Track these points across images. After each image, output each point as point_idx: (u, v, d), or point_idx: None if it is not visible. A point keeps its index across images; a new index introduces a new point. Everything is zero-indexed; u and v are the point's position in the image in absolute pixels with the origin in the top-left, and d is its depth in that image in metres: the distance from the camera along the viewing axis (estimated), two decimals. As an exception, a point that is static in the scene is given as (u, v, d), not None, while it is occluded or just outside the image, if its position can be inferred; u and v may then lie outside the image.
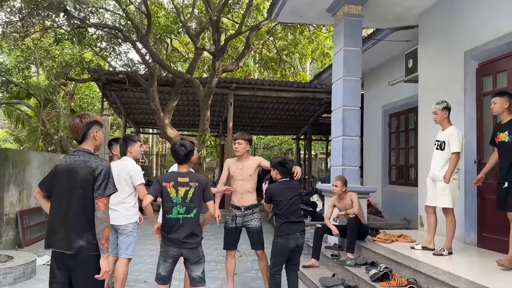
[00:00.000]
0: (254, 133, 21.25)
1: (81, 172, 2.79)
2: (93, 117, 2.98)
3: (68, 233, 2.73)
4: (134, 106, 15.33)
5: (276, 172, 4.40)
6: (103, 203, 2.77)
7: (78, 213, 2.76)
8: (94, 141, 2.97)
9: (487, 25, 5.45)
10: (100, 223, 2.73)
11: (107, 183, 2.80)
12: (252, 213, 4.67)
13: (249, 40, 10.82)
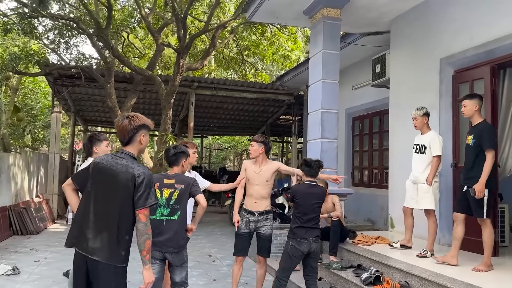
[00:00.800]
0: (210, 134, 20.96)
1: (122, 177, 2.63)
2: (142, 120, 2.77)
3: (98, 238, 2.58)
4: (85, 103, 14.50)
5: (303, 173, 4.33)
6: (144, 215, 2.61)
7: (115, 220, 2.59)
8: (139, 145, 2.79)
9: (463, 34, 5.67)
10: (141, 235, 2.60)
11: (149, 193, 2.63)
12: (265, 219, 4.53)
13: (214, 38, 10.58)
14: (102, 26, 10.10)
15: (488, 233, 4.35)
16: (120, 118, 2.77)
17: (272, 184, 4.62)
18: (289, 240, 4.18)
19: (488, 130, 4.39)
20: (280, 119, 16.51)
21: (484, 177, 4.26)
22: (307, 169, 4.28)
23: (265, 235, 4.55)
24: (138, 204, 2.57)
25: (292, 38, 13.66)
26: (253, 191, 4.52)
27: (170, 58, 16.50)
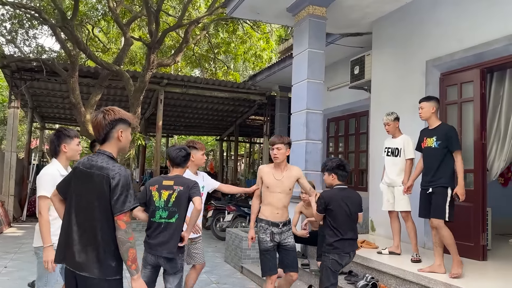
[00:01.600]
0: (176, 133, 20.39)
1: (96, 180, 2.35)
2: (119, 114, 2.45)
3: (83, 252, 2.32)
4: (44, 99, 13.64)
5: (334, 177, 3.91)
6: (123, 221, 2.30)
7: (95, 230, 2.32)
8: (118, 143, 2.46)
9: (450, 36, 5.65)
10: (122, 244, 2.30)
11: (127, 196, 2.32)
12: (288, 229, 4.11)
13: (187, 34, 10.18)
14: (67, 17, 9.46)
15: (445, 234, 4.26)
16: (94, 113, 2.47)
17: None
18: (329, 254, 3.79)
19: (454, 131, 4.39)
20: (250, 119, 16.27)
21: (462, 179, 4.23)
22: (343, 174, 3.91)
23: (292, 247, 4.10)
24: (115, 209, 2.29)
25: (265, 37, 13.45)
26: (275, 200, 4.04)
27: (135, 53, 15.88)
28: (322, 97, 6.44)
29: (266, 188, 4.07)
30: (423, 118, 4.62)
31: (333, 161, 3.96)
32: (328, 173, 3.94)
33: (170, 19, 13.73)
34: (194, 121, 16.53)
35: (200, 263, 4.38)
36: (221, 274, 6.22)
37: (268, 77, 11.61)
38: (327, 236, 3.84)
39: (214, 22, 12.25)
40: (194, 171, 4.35)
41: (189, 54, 13.89)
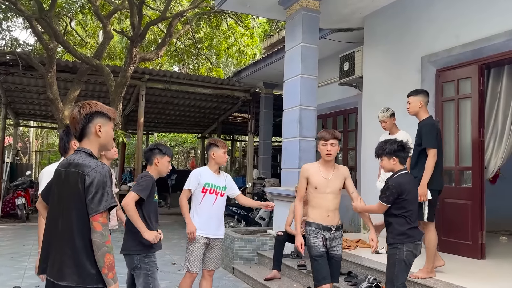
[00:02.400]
0: (157, 131, 19.94)
1: (72, 178, 2.13)
2: (96, 107, 2.21)
3: (61, 258, 2.10)
4: (18, 94, 13.04)
5: (395, 161, 3.49)
6: (99, 222, 2.07)
7: (72, 234, 2.09)
8: (97, 139, 2.22)
9: (447, 32, 5.56)
10: (97, 248, 2.07)
11: (103, 195, 2.09)
12: (340, 236, 3.69)
13: (171, 27, 9.86)
14: (44, 8, 9.00)
15: (430, 237, 4.15)
16: (71, 108, 2.22)
17: None
18: (403, 245, 3.36)
19: (427, 127, 4.18)
20: (232, 116, 16.01)
21: (425, 179, 4.08)
22: (405, 156, 3.50)
23: (339, 257, 3.68)
24: (90, 210, 2.08)
25: (249, 33, 13.22)
26: (324, 202, 3.64)
27: (114, 47, 15.40)
28: (316, 93, 6.27)
29: (314, 189, 3.67)
30: (411, 113, 4.43)
31: (392, 142, 3.53)
32: (388, 157, 3.50)
33: (151, 12, 13.34)
34: (175, 118, 16.15)
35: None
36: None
37: (253, 73, 11.39)
38: (397, 225, 3.40)
39: (198, 16, 11.95)
40: (215, 169, 4.13)
41: (171, 49, 13.52)
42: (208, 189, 4.02)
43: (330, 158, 3.62)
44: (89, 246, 2.08)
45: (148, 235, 3.22)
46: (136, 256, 3.33)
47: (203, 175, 4.04)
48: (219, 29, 13.08)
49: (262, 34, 14.85)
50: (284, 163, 6.44)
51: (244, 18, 12.51)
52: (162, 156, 3.51)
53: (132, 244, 3.36)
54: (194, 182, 4.02)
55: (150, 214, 3.39)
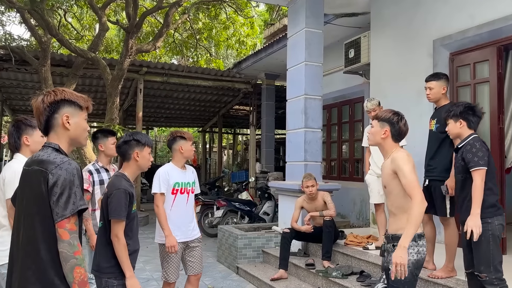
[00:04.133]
0: (156, 125, 19.62)
1: (34, 178, 1.80)
2: (62, 94, 1.87)
3: (24, 274, 1.77)
4: (14, 90, 12.73)
5: (462, 124, 3.15)
6: (65, 229, 1.73)
7: (36, 245, 1.76)
8: (65, 132, 1.88)
9: (461, 13, 5.21)
10: (65, 260, 1.74)
11: (69, 196, 1.75)
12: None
13: (168, 17, 9.48)
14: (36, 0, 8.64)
15: (451, 234, 3.85)
16: (34, 97, 1.89)
17: None
18: (493, 219, 2.98)
19: None
20: (233, 109, 15.67)
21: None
22: (474, 119, 3.16)
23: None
24: (55, 215, 1.75)
25: (249, 22, 12.83)
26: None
27: (111, 40, 15.04)
28: (321, 81, 5.93)
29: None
30: (431, 99, 4.05)
31: (458, 104, 3.22)
32: (455, 119, 3.18)
33: (148, 3, 12.97)
34: (175, 112, 15.81)
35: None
36: (215, 276, 5.69)
37: (254, 64, 11.04)
38: (486, 196, 2.98)
39: (196, 6, 11.57)
40: (182, 164, 3.73)
41: (169, 41, 13.16)
42: (178, 189, 3.63)
43: None
44: (56, 258, 1.75)
45: (130, 282, 2.58)
46: (105, 278, 2.62)
47: (171, 174, 3.62)
48: (218, 19, 12.67)
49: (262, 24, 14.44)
50: (288, 156, 6.11)
51: (243, 6, 12.13)
52: (142, 148, 2.77)
53: (103, 263, 2.65)
54: (164, 184, 3.58)
55: (130, 231, 2.70)
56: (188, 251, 3.70)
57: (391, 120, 2.71)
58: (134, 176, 2.88)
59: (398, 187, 2.64)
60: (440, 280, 3.70)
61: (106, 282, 2.59)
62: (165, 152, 22.55)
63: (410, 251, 2.53)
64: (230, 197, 9.17)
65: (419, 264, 2.60)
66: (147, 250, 6.81)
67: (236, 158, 20.49)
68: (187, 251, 3.71)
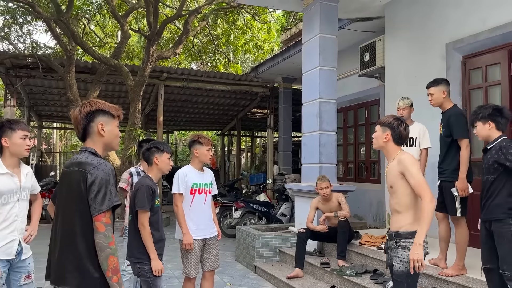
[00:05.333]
0: (177, 129, 20.02)
1: (74, 178, 2.05)
2: (97, 105, 2.13)
3: (62, 263, 2.01)
4: (40, 97, 13.25)
5: (491, 125, 3.23)
6: (102, 222, 1.98)
7: (74, 236, 2.00)
8: (100, 138, 2.14)
9: (473, 16, 5.29)
10: (100, 250, 1.97)
11: (105, 194, 2.00)
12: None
13: (188, 24, 9.79)
14: (62, 10, 9.06)
15: (461, 233, 3.97)
16: (72, 109, 2.15)
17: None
18: None
19: (455, 116, 3.97)
20: (251, 112, 15.89)
21: (463, 171, 3.86)
22: (502, 121, 3.22)
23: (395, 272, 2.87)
24: (93, 210, 1.99)
25: (266, 27, 13.05)
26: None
27: (133, 47, 15.47)
28: (336, 85, 6.09)
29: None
30: (434, 105, 4.23)
31: (486, 107, 3.28)
32: (483, 121, 3.25)
33: (168, 10, 13.32)
34: (195, 116, 16.15)
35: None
36: (233, 274, 5.90)
37: (271, 68, 11.23)
38: (509, 198, 3.07)
39: (214, 12, 11.86)
40: (199, 167, 3.98)
41: (188, 47, 13.49)
42: (196, 189, 3.88)
43: None
44: (92, 249, 1.98)
45: (154, 263, 3.12)
46: (137, 264, 3.18)
47: (189, 176, 3.88)
48: (236, 25, 12.96)
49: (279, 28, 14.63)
50: (304, 158, 6.28)
51: (260, 12, 12.35)
52: (161, 154, 3.33)
53: (134, 251, 3.21)
54: (183, 184, 3.83)
55: (156, 222, 3.23)
56: (205, 248, 3.94)
57: (391, 125, 2.88)
58: (157, 178, 3.38)
59: (403, 186, 2.80)
60: (450, 278, 3.81)
61: (138, 269, 3.15)
62: (185, 155, 22.94)
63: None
64: (248, 199, 9.38)
65: None
66: (168, 250, 7.05)
67: (255, 160, 20.71)
68: (205, 248, 3.94)
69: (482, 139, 3.41)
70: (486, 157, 3.28)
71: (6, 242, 2.83)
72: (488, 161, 3.23)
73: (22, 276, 2.95)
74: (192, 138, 4.02)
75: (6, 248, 2.83)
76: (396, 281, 2.80)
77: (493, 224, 3.12)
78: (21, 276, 2.94)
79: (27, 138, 2.96)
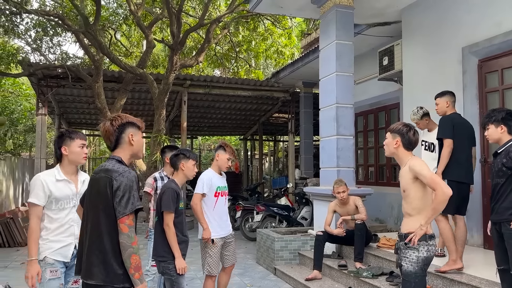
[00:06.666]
0: (200, 134, 20.37)
1: (101, 183, 2.28)
2: (126, 118, 2.42)
3: (90, 258, 2.25)
4: (70, 105, 13.81)
5: (503, 129, 3.29)
6: (125, 224, 2.21)
7: (101, 235, 2.24)
8: (130, 147, 2.40)
9: (488, 20, 5.32)
10: (124, 249, 2.20)
11: (129, 198, 2.23)
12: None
13: (209, 33, 10.07)
14: (89, 22, 9.48)
15: (458, 230, 4.27)
16: (102, 123, 2.41)
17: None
18: None
19: (443, 119, 4.46)
20: (273, 117, 16.06)
21: (439, 168, 4.30)
22: None
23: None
24: (118, 212, 2.22)
25: (286, 33, 13.22)
26: None
27: (158, 56, 15.89)
28: (352, 90, 6.20)
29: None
30: (439, 113, 4.61)
31: (499, 110, 3.35)
32: (496, 124, 3.31)
33: (191, 20, 13.66)
34: (218, 121, 16.45)
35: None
36: (254, 276, 6.06)
37: (291, 73, 11.38)
38: None
39: (235, 20, 12.12)
40: (218, 171, 4.29)
41: (210, 54, 13.79)
42: (219, 192, 4.17)
43: None
44: (116, 247, 2.21)
45: (178, 262, 3.34)
46: (162, 262, 3.41)
47: (213, 179, 4.16)
48: (257, 32, 13.18)
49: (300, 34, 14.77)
50: (322, 162, 6.40)
51: (281, 18, 12.54)
52: (187, 160, 3.57)
53: (160, 250, 3.44)
54: (207, 187, 4.11)
55: (180, 224, 3.45)
56: (224, 245, 4.24)
57: (401, 131, 3.01)
58: (182, 183, 3.67)
59: (415, 190, 2.94)
60: (464, 279, 3.86)
61: (163, 267, 3.38)
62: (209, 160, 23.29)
63: (421, 248, 2.82)
64: (269, 202, 9.54)
65: (428, 260, 2.92)
66: (191, 252, 7.27)
67: (278, 164, 20.85)
68: (223, 246, 4.23)
69: (493, 142, 3.47)
70: (496, 161, 3.34)
71: (64, 245, 2.98)
72: (497, 165, 3.30)
73: (71, 280, 3.10)
74: (220, 143, 4.32)
75: (64, 250, 2.98)
76: (404, 281, 2.94)
77: (503, 226, 3.19)
78: (70, 280, 3.09)
79: (84, 146, 3.10)
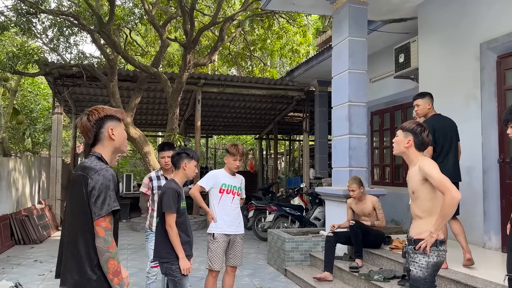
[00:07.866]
0: (215, 133, 20.40)
1: (77, 181, 2.12)
2: (104, 111, 2.22)
3: (65, 263, 2.11)
4: (86, 104, 13.94)
5: None
6: (101, 227, 2.04)
7: (76, 239, 2.07)
8: (111, 142, 2.22)
9: (506, 16, 5.13)
10: (100, 254, 2.04)
11: (105, 199, 2.05)
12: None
13: (223, 32, 10.02)
14: (104, 21, 9.53)
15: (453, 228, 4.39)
16: (79, 117, 2.23)
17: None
18: None
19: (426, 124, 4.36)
20: (288, 116, 15.94)
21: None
22: None
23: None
24: (93, 214, 2.04)
25: (301, 31, 13.08)
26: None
27: (173, 55, 15.94)
28: (365, 88, 6.05)
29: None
30: (420, 115, 4.59)
31: None
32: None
33: (206, 18, 13.65)
34: (232, 121, 16.41)
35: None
36: (264, 277, 5.98)
37: (306, 72, 11.24)
38: None
39: (249, 18, 12.05)
40: (231, 172, 4.34)
41: (225, 53, 13.75)
42: (225, 189, 4.23)
43: None
44: (92, 251, 2.05)
45: (182, 262, 3.27)
46: (165, 263, 3.34)
47: (218, 177, 4.27)
48: (272, 30, 13.07)
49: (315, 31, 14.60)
50: (334, 162, 6.27)
51: (296, 16, 12.41)
52: (190, 160, 3.50)
53: (162, 251, 3.37)
54: (209, 181, 4.25)
55: (182, 223, 3.39)
56: (230, 244, 4.24)
57: (414, 131, 2.87)
58: (182, 182, 3.60)
59: (424, 192, 2.80)
60: (479, 284, 3.70)
61: (166, 268, 3.32)
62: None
63: (431, 253, 2.69)
64: (282, 202, 9.43)
65: (438, 266, 2.78)
66: (203, 251, 7.25)
67: (293, 164, 20.70)
68: (229, 245, 4.24)
69: None
70: None
71: None
72: None
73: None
74: (226, 147, 4.37)
75: None
76: (412, 286, 2.82)
77: None
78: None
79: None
